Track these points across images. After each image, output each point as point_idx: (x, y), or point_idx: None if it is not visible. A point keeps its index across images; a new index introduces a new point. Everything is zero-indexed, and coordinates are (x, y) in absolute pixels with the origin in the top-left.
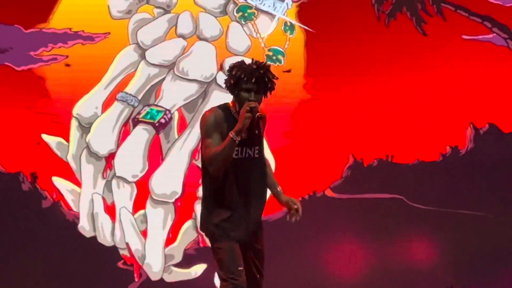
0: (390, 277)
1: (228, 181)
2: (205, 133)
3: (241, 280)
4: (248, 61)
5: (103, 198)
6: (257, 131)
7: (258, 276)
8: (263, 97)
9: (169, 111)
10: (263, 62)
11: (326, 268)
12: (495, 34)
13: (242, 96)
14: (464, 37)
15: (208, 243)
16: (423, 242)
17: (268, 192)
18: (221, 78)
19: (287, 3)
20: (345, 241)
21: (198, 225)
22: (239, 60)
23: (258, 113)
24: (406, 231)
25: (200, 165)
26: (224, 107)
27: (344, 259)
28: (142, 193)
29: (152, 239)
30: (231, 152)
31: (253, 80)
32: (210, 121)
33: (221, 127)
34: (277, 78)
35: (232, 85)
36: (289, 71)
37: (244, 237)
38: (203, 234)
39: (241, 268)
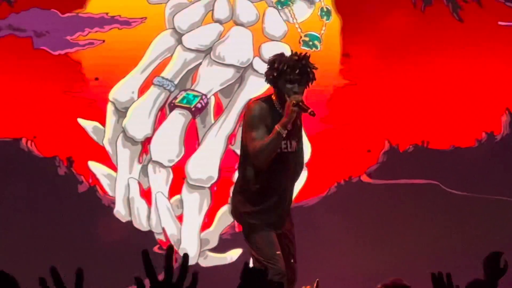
0: (426, 263)
1: (268, 173)
2: (250, 125)
3: (280, 265)
4: (287, 53)
5: (139, 183)
6: (298, 123)
7: (292, 261)
8: (305, 89)
9: (206, 96)
10: (302, 53)
11: (360, 254)
12: None
13: (286, 87)
14: (500, 23)
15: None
16: (459, 228)
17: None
18: (258, 63)
19: None
20: (381, 226)
21: (230, 210)
22: (278, 53)
23: (310, 110)
24: (441, 216)
25: (237, 151)
26: (267, 99)
27: (378, 245)
28: (178, 178)
29: (188, 224)
30: (277, 145)
31: (296, 71)
32: (255, 113)
33: (266, 120)
34: (317, 68)
35: (275, 78)
36: (347, 55)
37: (279, 225)
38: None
39: (279, 252)
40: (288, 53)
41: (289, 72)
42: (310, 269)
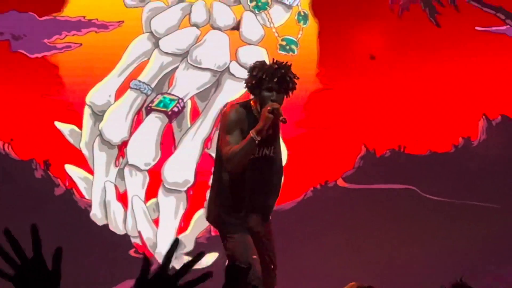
0: (401, 268)
1: (242, 178)
2: (226, 130)
3: (256, 269)
4: (267, 60)
5: (116, 186)
6: (275, 130)
7: (271, 266)
8: (284, 97)
9: (182, 99)
10: (284, 62)
11: (336, 258)
12: (508, 26)
13: (264, 95)
14: (478, 28)
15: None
16: (435, 233)
17: None
18: (234, 67)
19: None
20: (357, 231)
21: (206, 215)
22: (259, 61)
23: (282, 117)
24: (418, 221)
25: (213, 155)
26: (245, 105)
27: (355, 250)
28: (155, 181)
29: (164, 227)
30: (251, 151)
31: (275, 80)
32: (231, 118)
33: (242, 125)
34: (298, 78)
35: (254, 85)
36: (373, 57)
37: (255, 229)
38: (212, 224)
39: (255, 257)
40: (265, 58)
41: (268, 80)
42: (286, 274)
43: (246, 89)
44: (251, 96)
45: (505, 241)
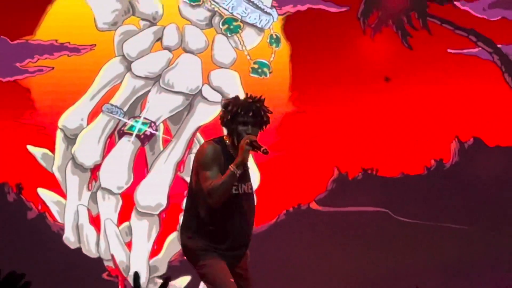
0: None
1: (222, 215)
2: (204, 166)
3: None
4: (241, 96)
5: (88, 210)
6: (246, 167)
7: None
8: (259, 131)
9: (155, 123)
10: (257, 96)
11: (310, 281)
12: (480, 48)
13: (239, 130)
14: (450, 50)
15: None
16: (408, 255)
17: None
18: (207, 90)
19: (272, 16)
20: (330, 254)
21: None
22: (233, 96)
23: (263, 148)
24: (391, 244)
25: (186, 178)
26: (220, 140)
27: (328, 272)
28: (127, 204)
29: (137, 250)
30: (231, 185)
31: (250, 114)
32: (208, 154)
33: (219, 160)
34: (271, 112)
35: (229, 121)
36: (388, 79)
37: (233, 265)
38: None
39: (232, 280)
40: (238, 81)
41: (243, 114)
42: None
43: (222, 124)
44: (224, 131)
45: (477, 262)
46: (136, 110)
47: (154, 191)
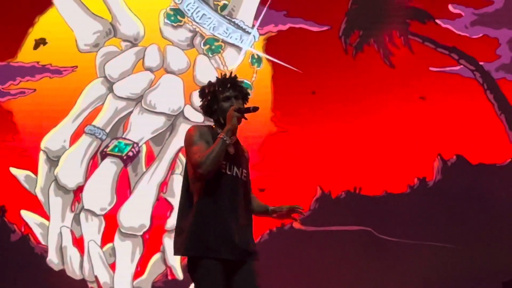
0: None
1: (215, 197)
2: (192, 143)
3: None
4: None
5: (72, 231)
6: (245, 154)
7: None
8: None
9: (137, 144)
10: (227, 72)
11: None
12: (462, 66)
13: (224, 107)
14: (432, 69)
15: (179, 275)
16: (391, 274)
17: None
18: (189, 111)
19: (254, 36)
20: (313, 273)
21: (173, 252)
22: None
23: (252, 106)
24: (374, 263)
25: (169, 199)
26: (206, 126)
27: None
28: (111, 226)
29: (121, 272)
30: (222, 152)
31: (228, 86)
32: (196, 133)
33: (207, 138)
34: (249, 86)
35: (210, 102)
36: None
37: (231, 255)
38: (181, 256)
39: None
40: None
41: (221, 90)
42: None
43: (204, 113)
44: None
45: (460, 280)
46: (118, 131)
47: (137, 212)
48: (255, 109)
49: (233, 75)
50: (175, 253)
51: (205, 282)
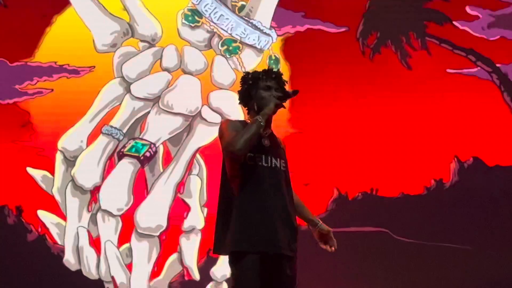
0: None
1: (254, 190)
2: (225, 131)
3: None
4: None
5: (88, 232)
6: (281, 146)
7: None
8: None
9: (154, 144)
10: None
11: None
12: (479, 68)
13: (262, 94)
14: (449, 70)
15: (196, 275)
16: (408, 276)
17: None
18: (206, 111)
19: (272, 37)
20: (330, 274)
21: (212, 251)
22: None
23: (291, 92)
24: (391, 264)
25: (186, 200)
26: (239, 120)
27: None
28: (127, 226)
29: (137, 272)
30: (255, 133)
31: (273, 76)
32: (228, 123)
33: (240, 130)
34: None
35: (250, 87)
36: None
37: (274, 248)
38: (220, 255)
39: None
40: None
41: (265, 78)
42: None
43: (240, 99)
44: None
45: (478, 282)
46: (135, 131)
47: (154, 213)
48: (295, 93)
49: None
50: (219, 253)
51: (244, 278)
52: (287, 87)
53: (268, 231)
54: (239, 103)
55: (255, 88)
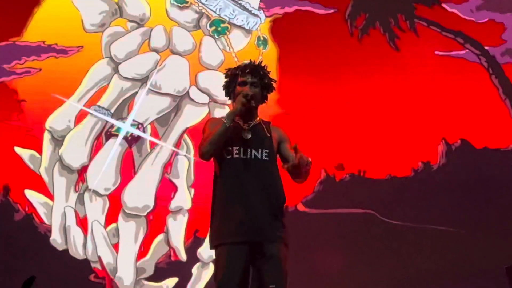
0: None
1: (222, 184)
2: (203, 131)
3: None
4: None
5: (75, 211)
6: (268, 135)
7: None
8: (263, 97)
9: (142, 124)
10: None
11: (297, 283)
12: (467, 50)
13: (237, 91)
14: (437, 52)
15: (183, 256)
16: (395, 257)
17: None
18: (194, 92)
19: (260, 18)
20: (317, 255)
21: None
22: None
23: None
24: (378, 246)
25: (173, 180)
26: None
27: (315, 274)
28: (115, 206)
29: (124, 252)
30: (221, 136)
31: (247, 71)
32: (209, 123)
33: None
34: (270, 72)
35: (228, 83)
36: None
37: (245, 236)
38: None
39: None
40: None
41: (240, 74)
42: None
43: (226, 95)
44: None
45: (464, 265)
46: (123, 111)
47: (142, 193)
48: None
49: (260, 61)
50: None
51: (217, 270)
52: (272, 74)
53: (228, 224)
54: (225, 96)
55: (232, 85)
